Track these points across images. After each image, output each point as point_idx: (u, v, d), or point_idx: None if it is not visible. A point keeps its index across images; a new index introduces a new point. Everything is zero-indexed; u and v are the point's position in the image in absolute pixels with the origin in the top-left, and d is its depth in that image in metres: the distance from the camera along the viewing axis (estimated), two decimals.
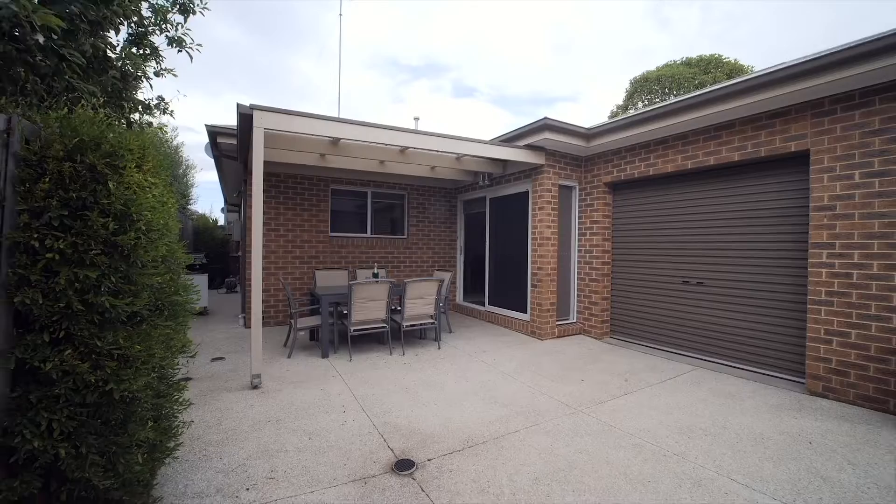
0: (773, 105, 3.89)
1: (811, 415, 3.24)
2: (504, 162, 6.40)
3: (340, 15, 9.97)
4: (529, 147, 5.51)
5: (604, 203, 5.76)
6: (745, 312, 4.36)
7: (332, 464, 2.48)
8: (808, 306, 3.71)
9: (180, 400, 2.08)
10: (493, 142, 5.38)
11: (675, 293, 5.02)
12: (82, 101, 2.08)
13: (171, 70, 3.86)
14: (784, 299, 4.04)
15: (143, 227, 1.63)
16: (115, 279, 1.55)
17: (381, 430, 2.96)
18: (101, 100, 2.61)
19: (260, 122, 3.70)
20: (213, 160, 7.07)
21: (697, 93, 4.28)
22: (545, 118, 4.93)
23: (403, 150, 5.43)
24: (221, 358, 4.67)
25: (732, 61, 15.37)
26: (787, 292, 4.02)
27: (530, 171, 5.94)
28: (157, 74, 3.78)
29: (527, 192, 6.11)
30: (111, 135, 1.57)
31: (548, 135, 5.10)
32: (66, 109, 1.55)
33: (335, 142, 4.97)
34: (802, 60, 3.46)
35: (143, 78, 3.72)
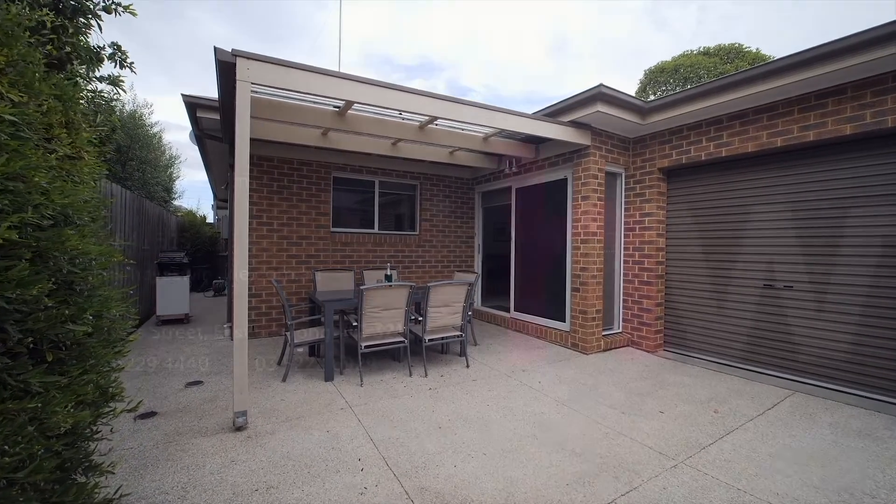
0: None
1: None
2: (536, 145, 5.50)
3: None
4: (574, 124, 4.61)
5: (658, 192, 4.88)
6: (854, 324, 3.50)
7: None
8: None
9: None
10: (535, 116, 4.46)
11: (752, 299, 4.15)
12: None
13: (129, 7, 2.92)
14: None
15: None
16: None
17: (418, 501, 2.05)
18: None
19: (245, 75, 2.77)
20: (197, 150, 6.12)
21: (797, 51, 3.41)
22: (600, 85, 4.02)
23: (423, 126, 4.51)
24: (199, 382, 3.73)
25: (754, 51, 14.60)
26: None
27: (571, 155, 5.04)
28: (107, 10, 2.85)
29: (565, 180, 5.22)
30: None
31: (600, 107, 4.20)
32: None
33: (342, 112, 4.04)
34: None
35: (89, 14, 2.79)
